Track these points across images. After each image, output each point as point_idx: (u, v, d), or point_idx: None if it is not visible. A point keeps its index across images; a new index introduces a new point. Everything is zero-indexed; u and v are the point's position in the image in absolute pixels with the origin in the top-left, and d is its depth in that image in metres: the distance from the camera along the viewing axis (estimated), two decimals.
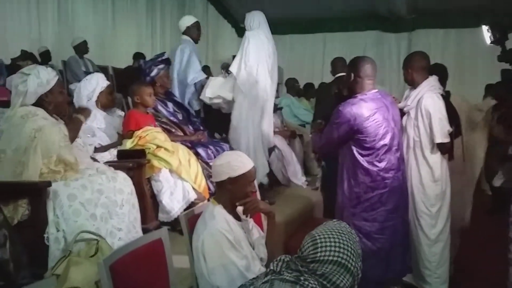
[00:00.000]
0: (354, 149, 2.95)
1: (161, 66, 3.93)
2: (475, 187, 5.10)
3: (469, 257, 4.07)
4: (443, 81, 4.03)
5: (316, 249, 1.56)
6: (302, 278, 1.55)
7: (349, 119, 2.86)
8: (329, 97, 4.44)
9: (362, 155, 2.93)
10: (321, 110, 4.80)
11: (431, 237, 3.33)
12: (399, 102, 3.42)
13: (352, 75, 3.01)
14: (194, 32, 4.63)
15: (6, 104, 2.90)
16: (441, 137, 3.27)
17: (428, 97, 3.29)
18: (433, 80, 3.38)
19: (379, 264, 2.99)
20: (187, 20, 4.67)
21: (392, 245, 3.01)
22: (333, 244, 1.56)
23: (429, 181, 3.33)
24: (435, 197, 3.33)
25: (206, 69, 5.61)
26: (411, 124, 3.36)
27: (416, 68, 3.38)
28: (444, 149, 3.35)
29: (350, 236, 1.61)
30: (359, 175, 2.96)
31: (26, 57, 5.44)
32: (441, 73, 3.83)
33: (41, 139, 2.59)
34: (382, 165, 2.93)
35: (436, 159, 3.33)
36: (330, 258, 1.54)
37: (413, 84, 3.41)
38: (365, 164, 2.93)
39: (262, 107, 4.10)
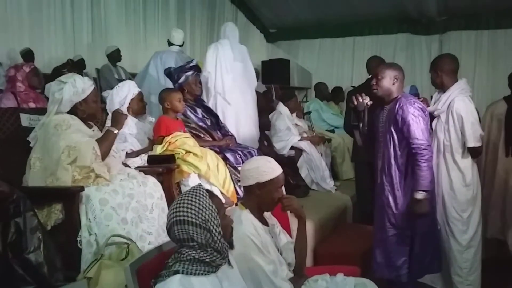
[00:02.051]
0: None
1: (190, 73, 3.96)
2: None
3: None
4: None
5: (168, 225, 1.72)
6: (177, 254, 1.71)
7: (421, 108, 2.91)
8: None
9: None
10: (351, 114, 4.75)
11: (463, 243, 3.26)
12: (428, 106, 3.38)
13: (396, 79, 2.99)
14: None
15: (41, 111, 2.97)
16: (474, 141, 3.21)
17: (459, 101, 3.24)
18: (463, 83, 3.33)
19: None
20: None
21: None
22: (172, 210, 1.70)
23: (460, 186, 3.27)
24: (467, 202, 3.27)
25: None
26: (441, 128, 3.31)
27: (446, 71, 3.33)
28: (475, 153, 3.30)
29: (190, 194, 1.72)
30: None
31: (73, 66, 5.43)
32: None
33: (74, 156, 2.63)
34: None
35: (467, 163, 3.27)
36: (172, 221, 1.69)
37: (442, 87, 3.37)
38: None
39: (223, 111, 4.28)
